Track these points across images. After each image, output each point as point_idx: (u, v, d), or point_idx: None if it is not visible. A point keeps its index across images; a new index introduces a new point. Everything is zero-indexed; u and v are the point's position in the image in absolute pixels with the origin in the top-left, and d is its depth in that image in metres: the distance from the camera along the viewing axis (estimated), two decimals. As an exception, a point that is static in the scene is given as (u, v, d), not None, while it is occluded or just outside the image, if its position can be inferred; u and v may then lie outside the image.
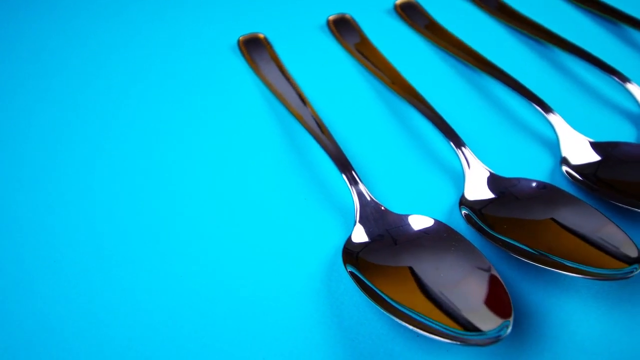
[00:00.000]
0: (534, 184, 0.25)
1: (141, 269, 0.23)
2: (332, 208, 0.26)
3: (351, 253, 0.22)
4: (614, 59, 0.35)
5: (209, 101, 0.32)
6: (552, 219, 0.23)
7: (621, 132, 0.30)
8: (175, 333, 0.21)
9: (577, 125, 0.30)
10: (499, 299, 0.19)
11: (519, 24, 0.37)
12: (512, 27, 0.37)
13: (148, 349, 0.20)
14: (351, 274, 0.21)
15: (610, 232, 0.21)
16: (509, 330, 0.18)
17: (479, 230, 0.23)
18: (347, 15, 0.38)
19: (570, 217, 0.22)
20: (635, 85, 0.30)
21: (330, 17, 0.38)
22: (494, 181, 0.25)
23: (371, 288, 0.20)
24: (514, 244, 0.22)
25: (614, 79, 0.31)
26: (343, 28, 0.37)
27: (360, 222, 0.24)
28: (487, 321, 0.18)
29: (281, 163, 0.28)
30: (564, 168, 0.26)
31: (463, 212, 0.24)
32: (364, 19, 0.38)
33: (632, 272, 0.20)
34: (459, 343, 0.18)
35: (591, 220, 0.22)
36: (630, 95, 0.31)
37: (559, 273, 0.21)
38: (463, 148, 0.27)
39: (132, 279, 0.23)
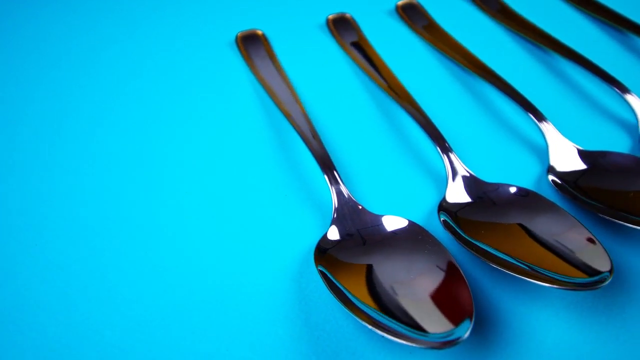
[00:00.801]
0: (513, 190, 0.24)
1: (116, 253, 0.24)
2: (313, 206, 0.26)
3: (322, 251, 0.22)
4: (618, 67, 0.34)
5: (201, 95, 0.32)
6: (524, 226, 0.22)
7: (616, 142, 0.29)
8: (141, 319, 0.21)
9: (572, 132, 0.29)
10: (461, 302, 0.19)
11: (521, 28, 0.37)
12: (514, 30, 0.37)
13: (114, 333, 0.21)
14: (320, 271, 0.21)
15: (584, 241, 0.21)
16: (467, 334, 0.18)
17: (453, 234, 0.23)
18: (347, 15, 0.38)
19: (546, 224, 0.22)
20: (635, 96, 0.30)
21: (330, 16, 0.38)
22: (474, 185, 0.25)
23: (337, 286, 0.20)
24: (486, 250, 0.22)
25: (614, 89, 0.30)
26: (342, 27, 0.37)
27: (336, 220, 0.24)
28: (445, 323, 0.18)
29: (266, 159, 0.28)
30: (550, 177, 0.26)
31: (441, 217, 0.24)
32: (364, 19, 0.38)
33: (601, 282, 0.19)
34: (414, 344, 0.18)
35: (567, 228, 0.22)
36: (629, 106, 0.30)
37: (529, 281, 0.20)
38: (450, 153, 0.26)
39: (107, 263, 0.23)
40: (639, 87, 0.31)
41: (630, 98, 0.30)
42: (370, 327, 0.18)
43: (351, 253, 0.22)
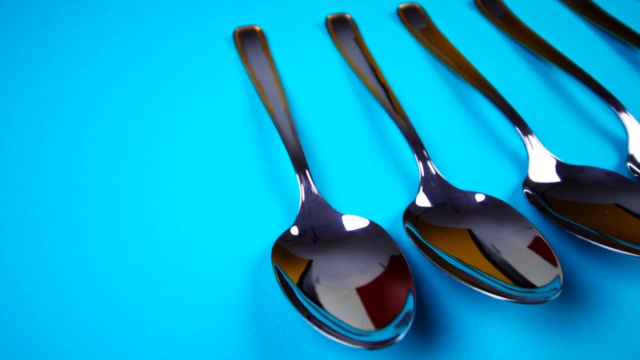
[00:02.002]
0: (481, 198, 0.24)
1: (79, 236, 0.24)
2: (284, 201, 0.26)
3: (280, 246, 0.22)
4: (622, 81, 0.33)
5: (191, 86, 0.33)
6: (478, 234, 0.22)
7: (604, 158, 0.29)
8: (96, 303, 0.22)
9: (561, 145, 0.29)
10: (400, 304, 0.19)
11: (522, 37, 0.36)
12: (515, 39, 0.36)
13: (72, 317, 0.21)
14: (275, 266, 0.21)
15: (539, 254, 0.21)
16: (402, 336, 0.18)
17: (414, 238, 0.22)
18: (347, 15, 0.38)
19: (506, 234, 0.22)
20: (629, 115, 0.29)
21: (329, 16, 0.38)
22: (444, 191, 0.25)
23: (287, 281, 0.21)
24: (442, 257, 0.21)
25: (609, 106, 0.30)
26: (340, 27, 0.37)
27: (300, 217, 0.24)
28: (379, 322, 0.18)
29: (245, 153, 0.29)
30: (525, 188, 0.25)
31: (406, 224, 0.23)
32: (365, 21, 0.38)
33: (547, 297, 0.19)
34: (346, 343, 0.18)
35: (526, 240, 0.21)
36: (622, 124, 0.29)
37: (475, 290, 0.20)
38: (427, 161, 0.26)
39: (69, 243, 0.24)
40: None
41: (624, 116, 0.29)
42: (309, 323, 0.19)
43: (304, 249, 0.22)
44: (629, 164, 0.27)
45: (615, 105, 0.29)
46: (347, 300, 0.19)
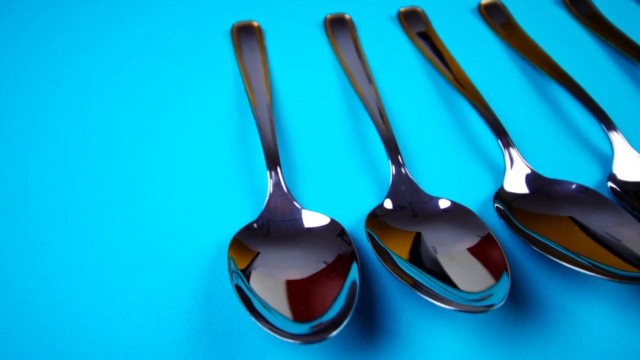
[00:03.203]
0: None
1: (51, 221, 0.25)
2: (253, 195, 0.26)
3: (235, 239, 0.23)
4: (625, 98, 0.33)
5: (184, 78, 0.33)
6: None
7: (586, 174, 0.28)
8: (50, 277, 0.23)
9: (547, 157, 0.29)
10: (336, 302, 0.19)
11: (520, 45, 0.36)
12: (514, 49, 0.36)
13: (27, 290, 0.22)
14: (229, 259, 0.22)
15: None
16: (335, 333, 0.18)
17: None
18: (346, 16, 0.38)
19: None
20: (619, 134, 0.28)
21: (328, 16, 0.38)
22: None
23: (237, 272, 0.21)
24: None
25: (601, 125, 0.29)
26: (338, 28, 0.37)
27: (264, 212, 0.24)
28: (295, 323, 0.18)
29: (226, 146, 0.29)
30: (495, 202, 0.25)
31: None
32: (365, 22, 0.38)
33: (489, 306, 0.19)
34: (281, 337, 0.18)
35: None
36: (610, 143, 0.29)
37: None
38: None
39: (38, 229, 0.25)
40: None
41: (613, 135, 0.28)
42: (248, 314, 0.19)
43: (258, 242, 0.22)
44: (609, 183, 0.26)
45: (606, 123, 0.29)
46: (283, 292, 0.19)
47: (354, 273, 0.20)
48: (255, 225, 0.23)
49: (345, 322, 0.18)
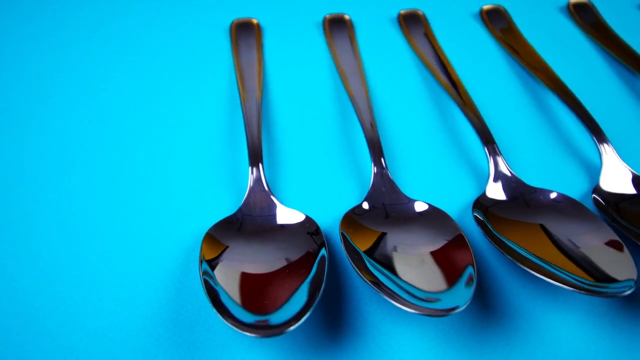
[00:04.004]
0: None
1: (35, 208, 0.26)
2: (235, 189, 0.27)
3: (208, 233, 0.23)
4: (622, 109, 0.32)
5: (180, 72, 0.34)
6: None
7: (574, 184, 0.28)
8: (33, 264, 0.23)
9: (536, 166, 0.28)
10: (293, 298, 0.19)
11: (518, 52, 0.35)
12: (512, 55, 0.36)
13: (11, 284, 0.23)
14: (200, 252, 0.22)
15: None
16: (293, 327, 0.18)
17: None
18: (346, 16, 0.38)
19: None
20: (610, 147, 0.28)
21: (328, 16, 0.38)
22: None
23: (206, 266, 0.21)
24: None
25: (592, 137, 0.28)
26: (337, 28, 0.37)
27: (243, 207, 0.25)
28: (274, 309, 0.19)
29: (214, 140, 0.29)
30: (474, 211, 0.25)
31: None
32: (365, 24, 0.38)
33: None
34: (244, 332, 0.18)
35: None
36: (598, 153, 0.28)
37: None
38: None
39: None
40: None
41: (605, 147, 0.28)
42: (210, 304, 0.19)
43: (229, 237, 0.23)
44: (593, 194, 0.26)
45: (597, 134, 0.28)
46: (243, 286, 0.20)
47: (320, 271, 0.20)
48: (230, 219, 0.24)
49: (303, 319, 0.18)
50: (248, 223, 0.23)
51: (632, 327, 0.22)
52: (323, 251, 0.22)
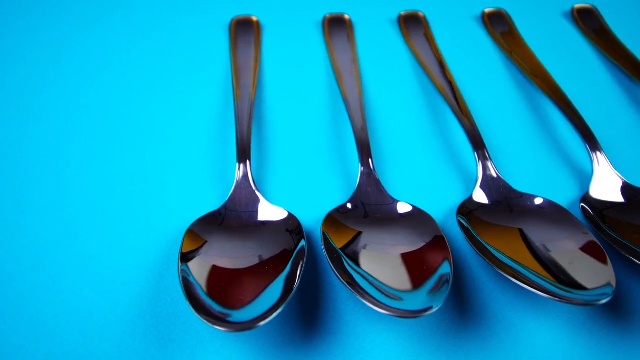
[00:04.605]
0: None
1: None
2: (222, 184, 0.27)
3: (190, 227, 0.23)
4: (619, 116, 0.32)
5: (178, 67, 0.34)
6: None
7: (562, 191, 0.27)
8: (19, 251, 0.24)
9: (528, 171, 0.28)
10: (264, 294, 0.19)
11: (517, 56, 0.35)
12: (511, 60, 0.35)
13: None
14: (182, 243, 0.22)
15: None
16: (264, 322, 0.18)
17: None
18: (346, 16, 0.38)
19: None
20: (603, 156, 0.28)
21: (328, 15, 0.38)
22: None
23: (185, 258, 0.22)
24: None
25: (585, 145, 0.28)
26: (336, 28, 0.37)
27: (228, 202, 0.25)
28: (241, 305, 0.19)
29: (206, 136, 0.30)
30: (458, 216, 0.25)
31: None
32: (364, 24, 0.38)
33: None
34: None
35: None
36: (590, 161, 0.28)
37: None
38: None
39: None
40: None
41: (598, 156, 0.27)
42: (185, 298, 0.19)
43: (208, 230, 0.23)
44: (581, 202, 0.26)
45: (591, 142, 0.28)
46: (223, 281, 0.20)
47: (295, 268, 0.21)
48: (214, 214, 0.24)
49: (274, 315, 0.18)
50: (230, 218, 0.24)
51: (611, 337, 0.21)
52: (300, 248, 0.22)
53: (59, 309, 0.22)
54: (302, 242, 0.22)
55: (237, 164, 0.26)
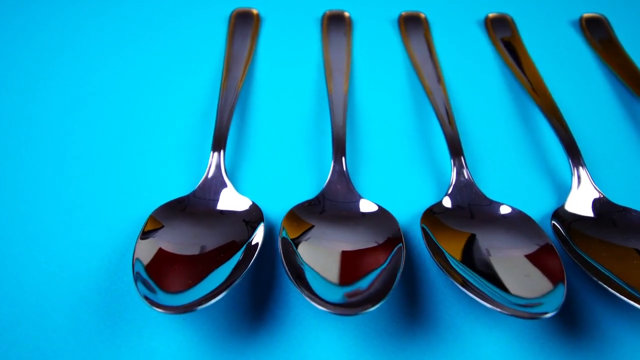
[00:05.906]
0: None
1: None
2: (197, 172, 0.28)
3: (151, 216, 0.23)
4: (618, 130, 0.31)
5: (175, 57, 0.35)
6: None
7: (538, 202, 0.27)
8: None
9: (501, 181, 0.28)
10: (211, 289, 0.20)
11: (515, 63, 0.34)
12: (508, 66, 0.35)
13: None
14: (144, 225, 0.23)
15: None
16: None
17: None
18: (346, 13, 0.38)
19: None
20: (584, 170, 0.27)
21: (327, 12, 0.38)
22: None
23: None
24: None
25: (568, 160, 0.27)
26: (334, 24, 0.37)
27: (198, 189, 0.25)
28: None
29: (189, 125, 0.30)
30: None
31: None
32: (364, 23, 0.38)
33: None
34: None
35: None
36: (570, 175, 0.27)
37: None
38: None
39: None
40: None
41: (580, 171, 0.27)
42: (133, 279, 0.20)
43: (170, 217, 0.23)
44: (552, 216, 0.25)
45: (574, 157, 0.27)
46: (168, 267, 0.20)
47: (247, 258, 0.21)
48: (181, 200, 0.24)
49: (215, 300, 0.19)
50: (195, 205, 0.24)
51: (562, 353, 0.21)
52: (255, 239, 0.22)
53: (22, 277, 0.23)
54: (257, 233, 0.22)
55: (211, 153, 0.27)
